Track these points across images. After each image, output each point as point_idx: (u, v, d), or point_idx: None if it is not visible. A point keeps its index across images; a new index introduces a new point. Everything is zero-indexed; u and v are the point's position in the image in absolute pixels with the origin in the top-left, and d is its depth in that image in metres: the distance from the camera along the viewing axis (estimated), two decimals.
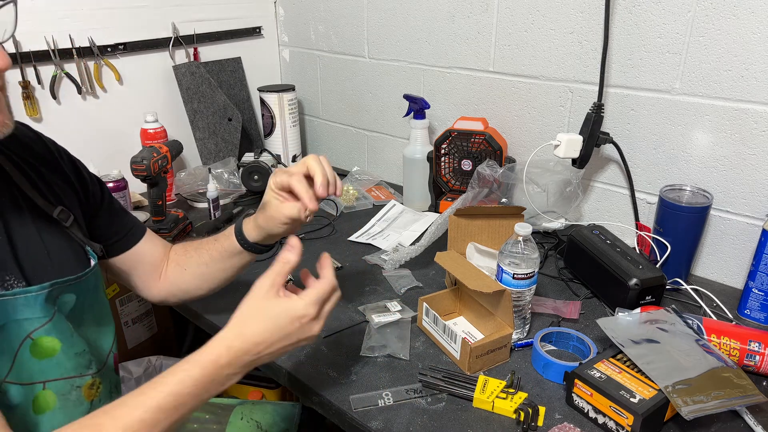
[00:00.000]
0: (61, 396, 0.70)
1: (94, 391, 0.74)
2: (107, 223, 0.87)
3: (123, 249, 0.89)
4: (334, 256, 1.25)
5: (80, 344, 0.72)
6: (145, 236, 0.92)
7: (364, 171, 1.74)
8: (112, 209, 0.89)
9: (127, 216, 0.92)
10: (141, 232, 0.92)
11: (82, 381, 0.72)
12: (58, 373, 0.69)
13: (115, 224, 0.88)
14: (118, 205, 0.91)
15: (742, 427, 0.78)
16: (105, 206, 0.87)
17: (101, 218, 0.86)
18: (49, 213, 0.74)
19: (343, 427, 0.83)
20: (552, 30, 1.26)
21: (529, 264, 0.89)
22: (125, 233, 0.89)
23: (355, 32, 1.66)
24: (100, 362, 0.76)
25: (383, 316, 1.01)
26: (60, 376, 0.69)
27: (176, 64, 1.63)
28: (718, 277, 1.17)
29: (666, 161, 1.18)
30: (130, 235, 0.90)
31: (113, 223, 0.88)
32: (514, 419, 0.79)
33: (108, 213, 0.87)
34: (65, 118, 1.44)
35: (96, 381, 0.74)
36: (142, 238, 0.92)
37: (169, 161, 1.33)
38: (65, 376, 0.70)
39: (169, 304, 0.98)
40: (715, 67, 1.07)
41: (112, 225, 0.88)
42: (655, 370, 0.78)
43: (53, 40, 1.37)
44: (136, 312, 1.58)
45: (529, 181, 1.27)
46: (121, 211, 0.91)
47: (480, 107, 1.45)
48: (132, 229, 0.91)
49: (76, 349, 0.71)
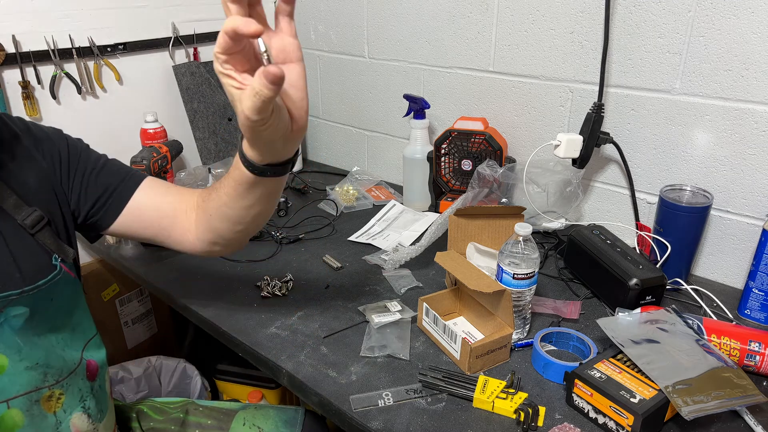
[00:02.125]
0: (26, 412, 0.68)
1: (54, 402, 0.72)
2: (98, 185, 0.82)
3: (121, 203, 0.83)
4: (334, 256, 1.25)
5: (33, 357, 0.70)
6: (144, 184, 0.85)
7: (364, 171, 1.74)
8: (103, 170, 0.83)
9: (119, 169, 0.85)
10: (135, 181, 0.85)
11: (38, 395, 0.70)
12: (15, 390, 0.67)
13: (105, 182, 0.82)
14: (109, 165, 0.85)
15: (742, 427, 0.78)
16: (94, 171, 0.82)
17: (91, 185, 0.81)
18: (15, 218, 0.71)
19: (343, 427, 0.83)
20: (552, 30, 1.26)
21: (529, 264, 0.89)
22: (116, 186, 0.83)
23: (355, 32, 1.66)
24: (61, 372, 0.73)
25: (383, 316, 1.01)
26: (18, 393, 0.68)
27: (176, 64, 1.63)
28: (718, 277, 1.17)
29: (666, 161, 1.18)
30: (122, 187, 0.83)
31: (103, 183, 0.82)
32: (514, 419, 0.79)
33: (98, 176, 0.82)
34: (65, 118, 1.44)
35: (55, 392, 0.72)
36: (139, 187, 0.84)
37: (169, 161, 1.33)
38: (22, 393, 0.68)
39: (217, 255, 0.88)
40: (715, 67, 1.07)
41: (102, 185, 0.82)
42: (655, 370, 0.78)
43: (53, 40, 1.37)
44: (136, 312, 1.58)
45: (529, 181, 1.27)
46: (112, 167, 0.84)
47: (480, 107, 1.45)
48: (124, 179, 0.84)
49: (26, 363, 0.69)
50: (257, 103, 0.54)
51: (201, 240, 0.84)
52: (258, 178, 0.68)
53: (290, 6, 0.58)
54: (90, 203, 0.82)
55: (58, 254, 0.75)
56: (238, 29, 0.51)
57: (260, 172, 0.67)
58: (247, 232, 0.82)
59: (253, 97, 0.54)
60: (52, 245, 0.75)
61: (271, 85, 0.52)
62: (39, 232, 0.73)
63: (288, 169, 0.69)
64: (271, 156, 0.66)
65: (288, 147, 0.66)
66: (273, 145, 0.64)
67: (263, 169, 0.67)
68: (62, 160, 0.80)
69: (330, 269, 1.21)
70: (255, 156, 0.66)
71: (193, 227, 0.84)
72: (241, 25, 0.51)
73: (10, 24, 1.29)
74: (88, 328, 0.81)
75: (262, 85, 0.52)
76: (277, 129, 0.60)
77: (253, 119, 0.56)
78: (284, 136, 0.62)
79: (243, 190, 0.72)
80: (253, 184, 0.70)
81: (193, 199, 0.84)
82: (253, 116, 0.56)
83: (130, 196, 0.84)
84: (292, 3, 0.58)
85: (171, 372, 1.49)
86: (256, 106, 0.54)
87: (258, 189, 0.71)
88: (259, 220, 0.80)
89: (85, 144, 0.86)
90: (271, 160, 0.66)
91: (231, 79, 0.56)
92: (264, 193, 0.73)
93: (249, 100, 0.54)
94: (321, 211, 1.51)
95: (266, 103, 0.54)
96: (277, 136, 0.62)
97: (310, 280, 1.17)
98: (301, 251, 1.29)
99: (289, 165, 0.69)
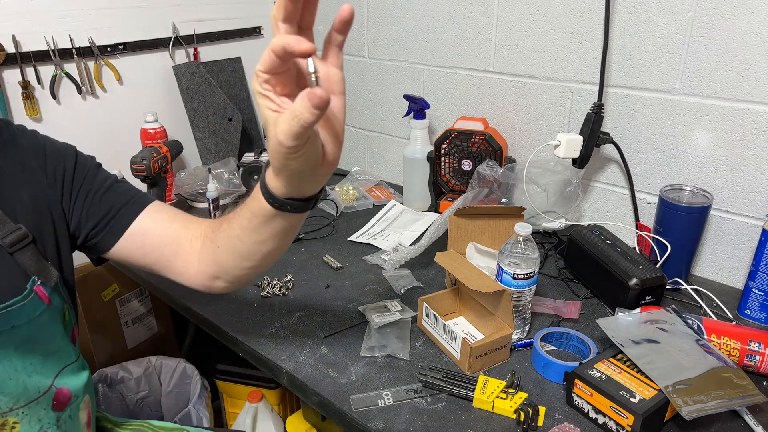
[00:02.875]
0: None
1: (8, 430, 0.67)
2: (101, 207, 0.78)
3: (122, 227, 0.78)
4: (334, 256, 1.25)
5: None
6: (150, 208, 0.80)
7: (364, 171, 1.74)
8: (108, 192, 0.79)
9: (125, 191, 0.80)
10: (141, 205, 0.80)
11: None
12: None
13: (109, 204, 0.78)
14: (115, 186, 0.80)
15: (742, 427, 0.78)
16: (98, 192, 0.78)
17: (94, 206, 0.78)
18: None
19: (343, 427, 0.83)
20: (552, 30, 1.26)
21: (529, 264, 0.89)
22: (119, 209, 0.78)
23: (355, 32, 1.66)
24: (18, 400, 0.68)
25: (383, 316, 1.01)
26: None
27: (176, 64, 1.63)
28: (718, 277, 1.17)
29: (666, 161, 1.18)
30: (125, 210, 0.79)
31: (107, 204, 0.78)
32: (514, 419, 0.79)
33: (102, 197, 0.78)
34: (65, 118, 1.44)
35: (9, 420, 0.67)
36: (144, 210, 0.79)
37: (169, 161, 1.33)
38: None
39: (218, 291, 0.81)
40: (715, 67, 1.07)
41: (105, 206, 0.78)
42: (655, 370, 0.78)
43: (53, 40, 1.37)
44: (136, 312, 1.58)
45: (529, 181, 1.27)
46: (118, 189, 0.80)
47: (480, 107, 1.45)
48: (128, 202, 0.79)
49: None
50: (295, 128, 0.50)
51: (203, 273, 0.79)
52: (277, 211, 0.63)
53: (342, 36, 0.56)
54: (91, 225, 0.78)
55: (38, 276, 0.71)
56: (288, 46, 0.48)
57: (280, 205, 0.62)
58: (255, 269, 0.76)
59: (292, 121, 0.50)
60: (33, 266, 0.70)
61: (315, 109, 0.48)
62: (19, 251, 0.69)
63: (310, 206, 0.64)
64: (295, 190, 0.61)
65: (314, 182, 0.62)
66: (300, 177, 0.59)
67: (284, 202, 0.62)
68: (66, 178, 0.77)
69: (330, 269, 1.21)
70: (278, 187, 0.61)
71: (196, 258, 0.78)
72: (292, 43, 0.48)
73: (10, 24, 1.29)
74: (66, 355, 0.74)
75: (304, 108, 0.48)
76: (308, 160, 0.56)
77: (287, 145, 0.52)
78: (313, 169, 0.58)
79: (258, 223, 0.67)
80: (270, 217, 0.65)
81: (200, 228, 0.79)
82: (288, 142, 0.52)
83: (133, 219, 0.79)
84: (344, 32, 0.55)
85: (171, 372, 1.49)
86: (294, 130, 0.50)
87: (274, 224, 0.66)
88: (270, 258, 0.74)
89: (96, 163, 0.82)
90: (294, 194, 0.62)
91: (269, 100, 0.53)
92: (280, 229, 0.67)
93: (286, 123, 0.51)
94: (321, 211, 1.51)
95: (305, 128, 0.50)
96: (307, 167, 0.57)
97: (310, 280, 1.17)
98: (301, 251, 1.29)
99: (312, 202, 0.64)
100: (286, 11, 0.50)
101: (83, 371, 0.78)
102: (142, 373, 1.45)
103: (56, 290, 0.74)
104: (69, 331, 0.77)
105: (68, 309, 0.77)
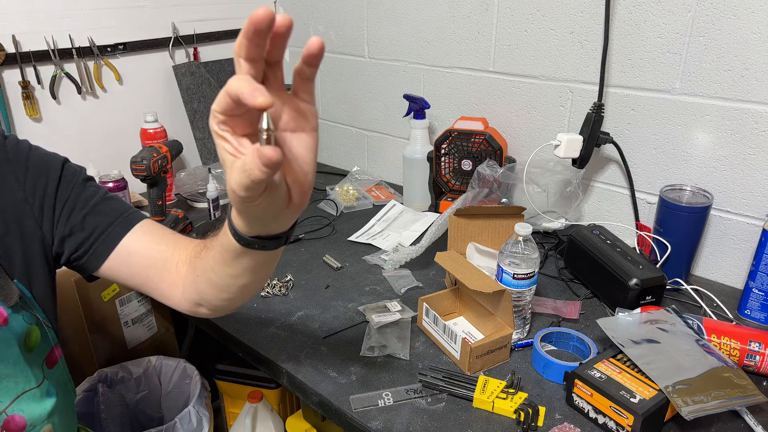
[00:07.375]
0: None
1: None
2: (85, 228, 0.74)
3: (107, 248, 0.75)
4: (334, 256, 1.25)
5: None
6: (138, 228, 0.76)
7: (364, 171, 1.74)
8: (94, 211, 0.75)
9: (112, 210, 0.76)
10: (128, 223, 0.76)
11: None
12: None
13: (93, 225, 0.74)
14: (102, 204, 0.76)
15: (742, 427, 0.78)
16: (82, 211, 0.74)
17: (77, 227, 0.74)
18: None
19: (343, 427, 0.83)
20: (552, 30, 1.26)
21: (529, 264, 0.89)
22: (103, 230, 0.74)
23: (355, 32, 1.66)
24: None
25: (383, 316, 1.01)
26: None
27: (176, 64, 1.63)
28: (718, 277, 1.17)
29: (666, 161, 1.18)
30: (110, 230, 0.75)
31: (91, 226, 0.74)
32: (514, 419, 0.79)
33: (86, 216, 0.74)
34: (65, 118, 1.44)
35: None
36: (132, 230, 0.75)
37: (169, 161, 1.33)
38: None
39: (203, 317, 0.77)
40: (715, 67, 1.07)
41: (89, 228, 0.74)
42: (655, 370, 0.78)
43: (53, 40, 1.37)
44: (136, 312, 1.58)
45: (529, 181, 1.27)
46: (104, 208, 0.76)
47: (480, 107, 1.45)
48: (114, 222, 0.75)
49: None
50: (245, 181, 0.45)
51: (186, 299, 0.75)
52: (245, 248, 0.59)
53: (312, 69, 0.49)
54: (74, 244, 0.74)
55: None
56: (242, 97, 0.42)
57: (246, 243, 0.58)
58: (233, 301, 0.72)
59: (242, 173, 0.45)
60: None
61: (265, 168, 0.44)
62: None
63: (280, 244, 0.60)
64: (260, 229, 0.57)
65: (280, 223, 0.57)
66: (261, 221, 0.55)
67: (250, 241, 0.58)
68: (47, 193, 0.72)
69: (330, 269, 1.21)
70: (242, 227, 0.56)
71: (181, 283, 0.74)
72: (246, 94, 0.42)
73: (10, 24, 1.29)
74: (24, 380, 0.68)
75: (254, 164, 0.44)
76: (269, 206, 0.51)
77: (239, 195, 0.47)
78: (275, 214, 0.54)
79: (229, 258, 0.62)
80: (239, 254, 0.60)
81: (186, 252, 0.75)
82: (241, 192, 0.47)
83: (119, 241, 0.75)
84: (315, 66, 0.49)
85: (171, 372, 1.48)
86: (244, 183, 0.45)
87: (245, 260, 0.62)
88: (248, 291, 0.70)
89: (84, 176, 0.77)
90: (260, 233, 0.57)
91: (226, 142, 0.47)
92: (252, 265, 0.63)
93: (238, 173, 0.45)
94: (321, 211, 1.52)
95: (256, 184, 0.46)
96: (268, 213, 0.53)
97: (310, 280, 1.17)
98: (301, 251, 1.29)
99: (282, 239, 0.60)
100: (248, 50, 0.44)
101: (49, 398, 0.72)
102: (142, 373, 1.45)
103: (19, 310, 0.68)
104: (39, 354, 0.71)
105: (42, 330, 0.72)
